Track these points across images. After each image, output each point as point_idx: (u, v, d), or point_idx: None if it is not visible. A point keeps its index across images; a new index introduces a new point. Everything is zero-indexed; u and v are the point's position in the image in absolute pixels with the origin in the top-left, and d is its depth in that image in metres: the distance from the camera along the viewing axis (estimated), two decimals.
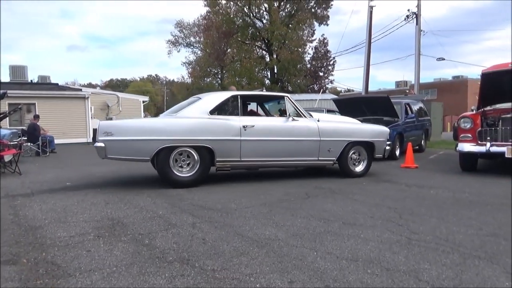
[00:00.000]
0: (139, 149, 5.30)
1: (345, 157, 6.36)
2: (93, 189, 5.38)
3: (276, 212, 3.96)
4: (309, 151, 6.10)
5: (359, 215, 3.82)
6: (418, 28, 19.17)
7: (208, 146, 5.46)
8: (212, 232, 3.24)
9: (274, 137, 5.83)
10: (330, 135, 6.18)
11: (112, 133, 5.20)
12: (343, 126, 6.53)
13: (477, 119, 6.74)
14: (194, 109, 5.71)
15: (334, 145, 6.23)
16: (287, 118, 6.02)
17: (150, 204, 4.35)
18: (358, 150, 6.53)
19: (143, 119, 6.62)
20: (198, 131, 5.46)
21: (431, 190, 5.27)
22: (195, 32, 40.40)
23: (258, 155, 5.79)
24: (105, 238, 3.08)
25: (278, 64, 31.34)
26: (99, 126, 5.27)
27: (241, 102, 5.92)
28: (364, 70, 19.11)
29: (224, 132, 5.56)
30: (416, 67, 19.29)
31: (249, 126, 5.66)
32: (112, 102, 21.96)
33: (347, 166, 6.43)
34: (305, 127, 6.06)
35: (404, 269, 2.43)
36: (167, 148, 5.32)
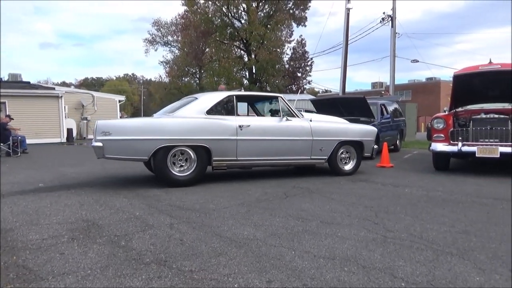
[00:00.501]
0: (137, 149, 5.29)
1: (335, 156, 6.54)
2: (67, 190, 5.24)
3: (255, 212, 3.97)
4: (302, 150, 6.24)
5: (337, 214, 3.87)
6: (393, 31, 19.60)
7: (205, 145, 5.51)
8: (190, 233, 3.21)
9: (269, 137, 5.96)
10: (322, 134, 6.35)
11: (110, 133, 5.17)
12: (334, 126, 6.72)
13: (450, 119, 6.94)
14: (191, 109, 5.73)
15: (325, 144, 6.40)
16: (281, 118, 6.15)
17: (127, 205, 4.27)
18: (347, 149, 6.73)
19: (141, 118, 6.57)
20: (195, 130, 5.50)
21: (405, 189, 5.39)
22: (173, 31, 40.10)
23: (253, 154, 5.89)
24: (80, 241, 3.01)
25: (256, 64, 31.39)
26: (97, 125, 5.22)
27: (236, 102, 6.03)
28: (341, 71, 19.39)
29: (221, 131, 5.63)
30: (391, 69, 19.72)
31: (245, 126, 5.75)
32: (87, 101, 21.51)
33: (336, 165, 6.61)
34: (298, 127, 6.20)
35: (380, 266, 2.48)
36: (165, 147, 5.33)
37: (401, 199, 4.63)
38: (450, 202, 4.49)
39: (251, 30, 29.69)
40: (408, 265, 2.49)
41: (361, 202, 4.47)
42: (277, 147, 6.02)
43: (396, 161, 8.92)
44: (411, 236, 3.12)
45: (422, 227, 3.40)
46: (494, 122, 6.55)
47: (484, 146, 6.40)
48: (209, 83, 32.19)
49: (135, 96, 67.63)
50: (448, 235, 3.16)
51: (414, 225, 3.45)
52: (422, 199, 4.63)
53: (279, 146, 6.04)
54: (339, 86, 19.69)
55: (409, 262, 2.54)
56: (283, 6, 31.92)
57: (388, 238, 3.08)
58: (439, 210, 4.05)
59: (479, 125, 6.62)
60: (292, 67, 36.75)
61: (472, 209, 4.13)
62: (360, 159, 6.82)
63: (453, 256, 2.66)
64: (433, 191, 5.16)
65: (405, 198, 4.70)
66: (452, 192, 5.08)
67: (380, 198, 4.72)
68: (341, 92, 19.40)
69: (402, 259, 2.61)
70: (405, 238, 3.08)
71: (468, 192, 5.12)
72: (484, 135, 6.53)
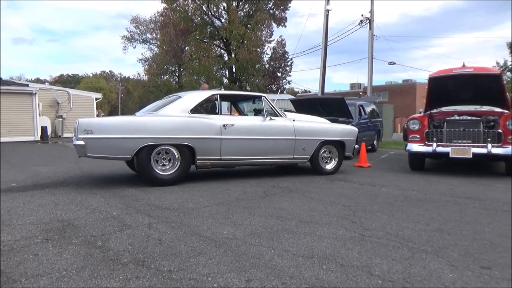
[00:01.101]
0: (120, 147, 5.21)
1: (317, 155, 6.62)
2: (41, 190, 5.10)
3: (234, 211, 3.96)
4: (285, 150, 6.30)
5: (315, 213, 3.90)
6: (371, 33, 19.94)
7: (189, 144, 5.50)
8: (169, 233, 3.18)
9: (253, 136, 5.99)
10: (304, 134, 6.42)
11: (92, 131, 5.08)
12: (316, 125, 6.79)
13: (425, 120, 7.11)
14: (174, 107, 5.70)
15: (308, 143, 6.47)
16: (265, 117, 6.17)
17: (104, 205, 4.19)
18: (329, 149, 6.82)
19: (124, 117, 6.47)
20: (179, 129, 5.48)
21: (382, 188, 5.49)
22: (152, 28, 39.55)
23: (237, 153, 5.90)
24: (54, 241, 2.93)
25: (236, 63, 31.31)
26: (78, 123, 5.10)
27: (220, 101, 6.04)
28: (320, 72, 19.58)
29: (205, 130, 5.62)
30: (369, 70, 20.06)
31: (229, 125, 5.76)
32: (62, 99, 20.95)
33: (318, 164, 6.69)
34: (282, 126, 6.25)
35: (358, 264, 2.52)
36: (148, 146, 5.28)
37: (378, 198, 4.71)
38: (425, 201, 4.60)
39: (231, 29, 29.60)
40: (385, 263, 2.54)
41: (340, 201, 4.53)
42: (260, 147, 6.06)
43: (373, 161, 9.08)
44: (388, 235, 3.18)
45: (398, 225, 3.47)
46: (467, 124, 6.76)
47: (457, 147, 6.59)
48: (188, 82, 31.94)
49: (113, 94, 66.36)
50: (423, 233, 3.24)
51: (391, 224, 3.52)
52: (398, 198, 4.73)
53: (263, 146, 6.08)
54: (318, 87, 19.89)
55: (385, 260, 2.60)
56: (263, 6, 31.97)
57: (366, 236, 3.13)
58: (414, 209, 4.14)
59: (453, 126, 6.81)
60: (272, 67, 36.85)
61: (446, 208, 4.24)
62: (341, 159, 6.93)
63: (427, 254, 2.73)
64: (408, 191, 5.28)
65: (382, 197, 4.78)
66: (426, 192, 5.21)
67: (357, 197, 4.79)
68: (320, 93, 19.61)
69: (379, 257, 2.66)
70: (382, 236, 3.14)
71: (442, 191, 5.26)
72: (457, 136, 6.73)
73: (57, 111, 20.76)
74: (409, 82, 44.46)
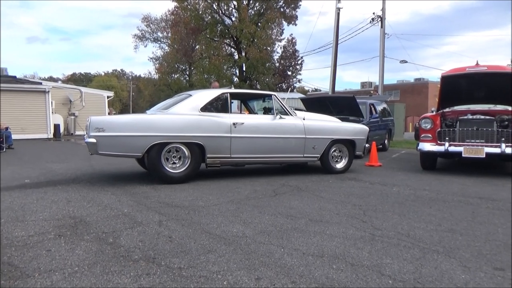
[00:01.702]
0: (131, 145, 5.26)
1: (327, 154, 6.59)
2: (54, 187, 5.17)
3: (244, 209, 3.97)
4: (295, 148, 6.29)
5: (325, 212, 3.89)
6: (382, 31, 19.76)
7: (199, 142, 5.52)
8: (179, 230, 3.20)
9: (263, 135, 6.00)
10: (315, 133, 6.40)
11: (104, 129, 5.13)
12: (326, 124, 6.77)
13: (437, 120, 7.03)
14: (185, 106, 5.73)
15: (318, 142, 6.45)
16: (275, 116, 6.17)
17: (115, 202, 4.23)
18: (339, 148, 6.79)
19: (135, 115, 6.55)
20: (189, 127, 5.51)
21: (393, 187, 5.44)
22: (163, 27, 39.73)
23: (247, 151, 5.91)
24: (67, 237, 2.97)
25: (246, 62, 31.30)
26: (90, 121, 5.17)
27: (230, 100, 6.06)
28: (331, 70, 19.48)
29: (215, 129, 5.64)
30: (380, 69, 19.88)
31: (239, 124, 5.77)
32: (74, 97, 21.20)
33: (328, 163, 6.67)
34: (292, 125, 6.24)
35: (368, 264, 2.50)
36: (159, 144, 5.31)
37: (388, 198, 4.68)
38: (436, 201, 4.55)
39: (241, 28, 29.61)
40: (395, 263, 2.52)
41: (350, 200, 4.50)
42: (270, 145, 6.06)
43: (384, 160, 9.01)
44: (399, 234, 3.15)
45: (409, 225, 3.44)
46: (480, 123, 6.66)
47: (470, 147, 6.49)
48: (199, 80, 32.03)
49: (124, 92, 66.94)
50: (435, 233, 3.21)
51: (402, 224, 3.49)
52: (409, 198, 4.69)
53: (273, 144, 6.07)
54: (329, 85, 19.79)
55: (396, 260, 2.57)
56: (273, 4, 31.91)
57: (376, 236, 3.11)
58: (426, 209, 4.10)
59: (466, 125, 6.72)
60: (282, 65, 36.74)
61: (458, 208, 4.19)
62: (352, 158, 6.90)
63: (439, 254, 2.70)
64: (420, 190, 5.22)
65: (392, 197, 4.74)
66: (438, 192, 5.15)
67: (368, 196, 4.76)
68: (331, 91, 19.51)
69: (389, 257, 2.64)
70: (393, 236, 3.11)
71: (454, 191, 5.19)
72: (470, 135, 6.64)
73: (69, 109, 21.02)
74: (421, 81, 43.97)
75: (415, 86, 44.44)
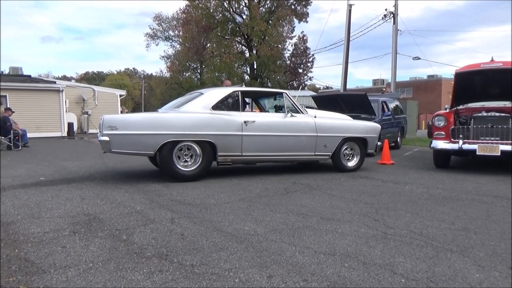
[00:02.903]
0: (143, 143, 5.33)
1: (338, 152, 6.56)
2: (68, 184, 5.26)
3: (255, 207, 3.98)
4: (306, 146, 6.28)
5: (337, 210, 3.88)
6: (395, 28, 19.53)
7: (211, 140, 5.56)
8: (191, 228, 3.22)
9: (274, 133, 6.01)
10: (326, 131, 6.38)
11: (117, 127, 5.21)
12: (338, 122, 6.74)
13: (451, 117, 6.93)
14: (196, 104, 5.77)
15: (329, 140, 6.42)
16: (286, 114, 6.17)
17: (128, 200, 4.29)
18: (351, 146, 6.75)
19: (147, 113, 6.63)
20: (201, 126, 5.55)
21: (406, 186, 5.39)
22: (174, 25, 39.95)
23: (258, 150, 5.94)
24: (81, 234, 3.02)
25: (257, 60, 31.32)
26: (103, 120, 5.25)
27: (242, 98, 6.08)
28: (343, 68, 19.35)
29: (226, 127, 5.68)
30: (393, 66, 19.67)
31: (250, 122, 5.79)
32: (87, 95, 21.45)
33: (340, 161, 6.64)
34: (303, 123, 6.24)
35: (380, 262, 2.49)
36: (170, 142, 5.37)
37: (401, 196, 4.64)
38: (450, 199, 4.50)
39: (252, 26, 29.61)
40: (408, 262, 2.50)
41: (362, 198, 4.48)
42: (281, 143, 6.06)
43: (396, 158, 8.93)
44: (411, 233, 3.13)
45: (422, 224, 3.41)
46: (495, 120, 6.55)
47: (484, 144, 6.39)
48: (210, 79, 32.19)
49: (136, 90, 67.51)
50: (448, 232, 3.17)
51: (414, 222, 3.46)
52: (422, 197, 4.64)
53: (284, 142, 6.08)
54: (340, 83, 19.67)
55: (409, 259, 2.56)
56: (284, 2, 31.82)
57: (388, 234, 3.09)
58: (439, 208, 4.06)
59: (480, 123, 6.62)
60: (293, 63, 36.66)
61: (472, 206, 4.14)
62: (363, 156, 6.86)
63: (453, 253, 2.67)
64: (433, 189, 5.17)
65: (405, 195, 4.71)
66: (452, 190, 5.09)
67: (380, 194, 4.73)
68: (342, 89, 19.39)
69: (402, 255, 2.62)
70: (405, 234, 3.09)
71: (468, 189, 5.13)
72: (485, 133, 6.53)
73: (83, 107, 21.29)
74: (434, 78, 43.39)
75: (428, 83, 43.89)
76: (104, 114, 5.42)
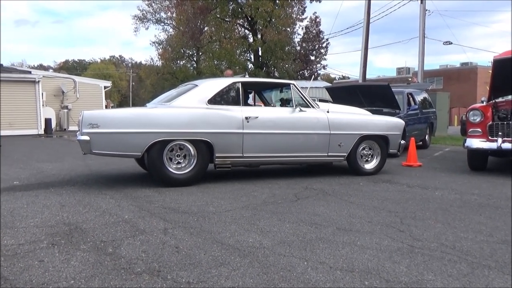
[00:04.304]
0: (129, 143, 5.33)
1: (355, 152, 6.55)
2: (46, 189, 5.29)
3: (261, 216, 3.99)
4: (318, 146, 6.27)
5: (356, 220, 3.88)
6: (423, 7, 19.45)
7: (207, 139, 5.55)
8: (187, 239, 3.23)
9: (280, 130, 6.00)
10: (341, 128, 6.35)
11: (98, 125, 5.20)
12: (354, 117, 6.73)
13: (488, 111, 6.90)
14: (190, 97, 5.78)
15: (345, 139, 6.40)
16: (294, 108, 6.17)
17: (114, 207, 4.31)
18: (370, 145, 6.73)
19: (133, 109, 6.65)
20: (195, 123, 5.55)
21: (436, 191, 5.38)
22: (166, 6, 40.00)
23: (262, 150, 5.93)
24: (61, 246, 3.04)
25: (263, 45, 31.33)
26: (83, 116, 5.25)
27: (243, 90, 6.06)
28: (362, 55, 19.30)
29: (224, 124, 5.68)
30: (420, 52, 19.60)
31: (252, 118, 5.78)
32: (67, 87, 21.60)
33: (357, 163, 6.63)
34: (314, 119, 6.23)
35: (406, 280, 2.49)
36: (160, 142, 5.37)
37: (430, 204, 4.63)
38: (487, 207, 4.48)
39: (256, 6, 29.58)
40: (439, 280, 2.50)
41: (384, 206, 4.48)
42: (289, 142, 6.06)
43: (424, 159, 8.91)
44: (442, 246, 3.12)
45: (454, 235, 3.40)
46: None
47: None
48: (208, 67, 32.22)
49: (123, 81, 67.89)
50: (485, 245, 3.16)
51: (446, 234, 3.45)
52: (455, 204, 4.63)
53: (292, 141, 6.08)
54: (359, 72, 19.62)
55: (439, 276, 2.55)
56: None
57: (416, 248, 3.08)
58: (474, 217, 4.04)
59: None
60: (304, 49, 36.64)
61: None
62: (384, 157, 6.83)
63: (491, 270, 2.66)
64: (467, 195, 5.16)
65: (435, 202, 4.70)
66: (490, 196, 5.07)
67: (406, 201, 4.72)
68: (361, 79, 19.34)
69: (431, 272, 2.61)
70: (435, 248, 3.08)
71: (509, 196, 5.10)
72: None
73: (62, 101, 21.44)
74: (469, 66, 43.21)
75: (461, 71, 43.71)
76: (84, 110, 5.43)
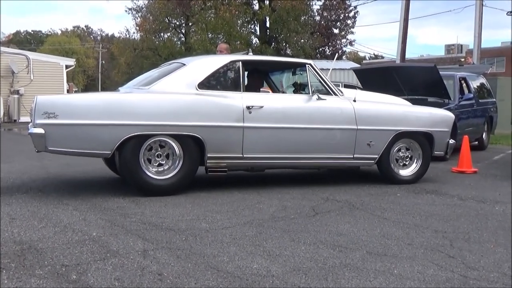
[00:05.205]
0: (95, 139, 5.32)
1: (388, 154, 6.53)
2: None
3: (269, 235, 3.99)
4: (341, 145, 6.25)
5: (391, 242, 3.88)
6: None
7: (197, 135, 5.54)
8: (173, 264, 3.24)
9: (292, 124, 5.98)
10: (371, 122, 6.34)
11: (56, 114, 5.15)
12: (389, 109, 6.71)
13: None
14: (176, 80, 5.79)
15: (376, 136, 6.36)
16: (311, 96, 6.14)
17: (79, 221, 4.32)
18: (408, 145, 6.72)
19: (103, 94, 6.64)
20: (182, 113, 5.56)
21: (496, 206, 5.38)
22: None
23: (268, 150, 5.93)
24: (11, 272, 3.05)
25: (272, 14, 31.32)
26: (36, 102, 5.20)
27: (244, 71, 6.04)
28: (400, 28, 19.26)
29: (219, 115, 5.67)
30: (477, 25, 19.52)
31: (256, 107, 5.77)
32: (19, 66, 21.64)
33: (390, 168, 6.62)
34: (336, 110, 6.23)
35: None
36: (136, 137, 5.36)
37: (489, 222, 4.63)
38: None
39: None
40: None
41: (429, 224, 4.48)
42: (303, 140, 6.06)
43: (481, 164, 8.90)
44: (504, 277, 3.12)
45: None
46: None
47: None
48: (200, 42, 32.24)
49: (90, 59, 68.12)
50: None
51: (509, 261, 3.44)
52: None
53: (307, 139, 6.07)
54: (396, 50, 19.58)
55: None
56: None
57: (470, 278, 3.08)
58: None
59: None
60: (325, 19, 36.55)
61: None
62: (427, 160, 6.80)
63: None
64: None
65: (495, 220, 4.69)
66: None
67: (457, 219, 4.72)
68: (400, 59, 19.31)
69: None
70: (495, 279, 3.08)
71: None
72: None
73: (12, 84, 21.48)
74: None
75: None
76: (38, 95, 5.41)
